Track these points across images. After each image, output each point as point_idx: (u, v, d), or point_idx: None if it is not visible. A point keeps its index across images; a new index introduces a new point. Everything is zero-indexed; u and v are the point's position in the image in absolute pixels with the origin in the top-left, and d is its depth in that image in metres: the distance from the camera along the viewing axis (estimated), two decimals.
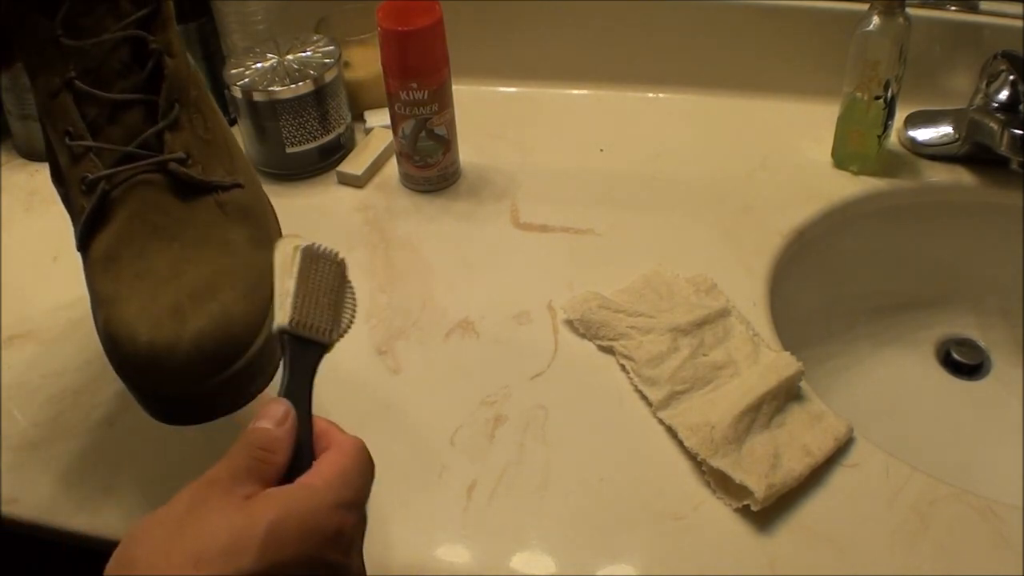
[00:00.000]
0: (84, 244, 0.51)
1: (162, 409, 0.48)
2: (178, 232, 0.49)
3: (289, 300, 0.43)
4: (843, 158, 0.77)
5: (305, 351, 0.43)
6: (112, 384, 0.64)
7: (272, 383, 0.48)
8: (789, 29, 0.83)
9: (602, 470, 0.56)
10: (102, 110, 0.50)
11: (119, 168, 0.49)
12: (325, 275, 0.44)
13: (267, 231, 0.53)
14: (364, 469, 0.41)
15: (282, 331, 0.42)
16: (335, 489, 0.39)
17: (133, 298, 0.47)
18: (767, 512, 0.52)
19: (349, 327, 0.45)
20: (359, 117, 0.87)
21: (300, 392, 0.43)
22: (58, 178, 0.53)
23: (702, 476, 0.55)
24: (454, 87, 0.76)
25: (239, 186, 0.53)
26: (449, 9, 0.72)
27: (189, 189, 0.50)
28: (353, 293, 0.45)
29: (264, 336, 0.47)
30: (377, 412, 0.61)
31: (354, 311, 0.45)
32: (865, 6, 0.71)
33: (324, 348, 0.44)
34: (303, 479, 0.40)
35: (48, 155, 0.54)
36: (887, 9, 0.69)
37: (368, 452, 0.42)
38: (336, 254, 0.45)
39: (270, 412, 0.41)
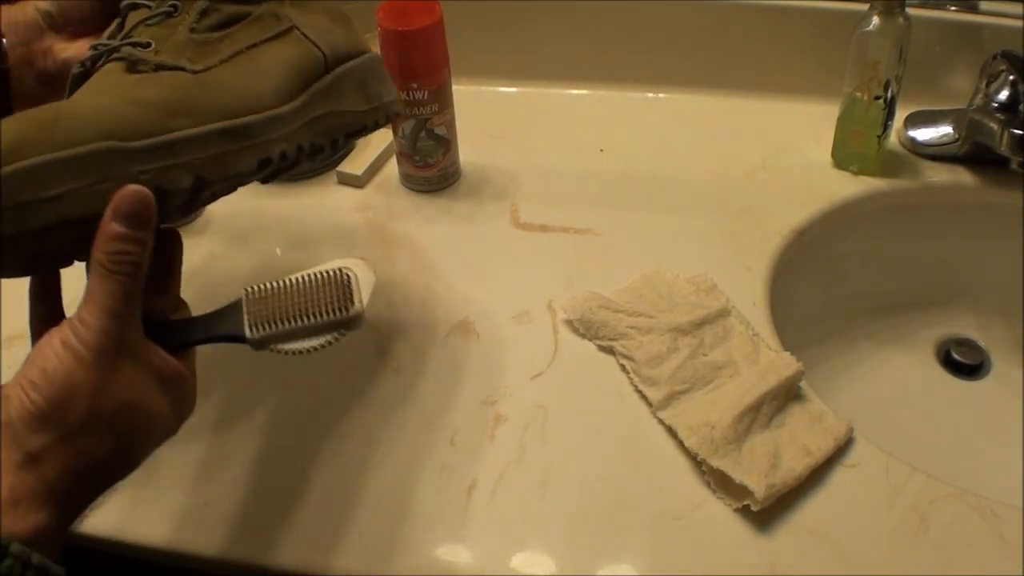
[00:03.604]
0: None
1: None
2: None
3: (272, 283, 0.43)
4: (843, 158, 0.77)
5: (230, 318, 0.43)
6: None
7: None
8: (789, 29, 0.83)
9: (602, 470, 0.57)
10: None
11: (96, 50, 0.49)
12: (319, 302, 0.43)
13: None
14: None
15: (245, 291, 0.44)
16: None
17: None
18: (767, 512, 0.52)
19: (273, 346, 0.43)
20: None
21: (203, 326, 0.44)
22: None
23: (702, 476, 0.55)
24: (454, 87, 0.76)
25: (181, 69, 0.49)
26: (449, 9, 0.72)
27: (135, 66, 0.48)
28: (325, 345, 0.44)
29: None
30: (377, 412, 0.61)
31: (301, 351, 0.44)
32: (865, 6, 0.71)
33: (238, 338, 0.43)
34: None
35: None
36: (887, 9, 0.69)
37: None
38: (344, 305, 0.44)
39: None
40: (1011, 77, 0.70)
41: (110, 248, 0.40)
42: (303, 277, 0.44)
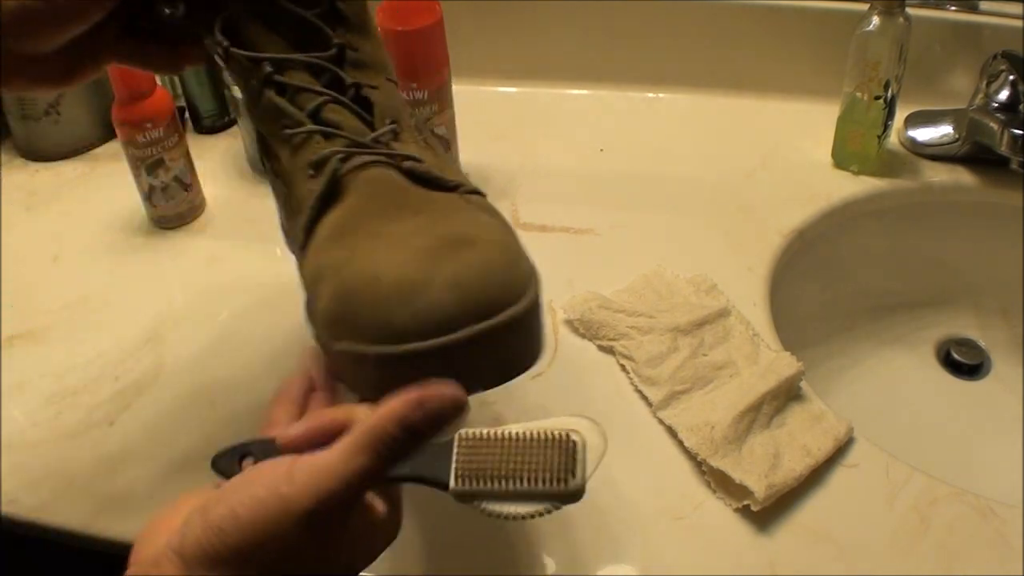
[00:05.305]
0: (311, 228, 0.46)
1: (396, 367, 0.39)
2: (422, 208, 0.44)
3: (488, 432, 0.40)
4: (843, 158, 0.77)
5: (437, 459, 0.40)
6: (112, 384, 0.64)
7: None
8: (789, 29, 0.83)
9: (602, 470, 0.56)
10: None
11: (351, 149, 0.45)
12: (537, 467, 0.39)
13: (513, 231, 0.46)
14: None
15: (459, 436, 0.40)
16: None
17: (375, 251, 0.41)
18: (767, 512, 0.52)
19: (476, 504, 0.40)
20: None
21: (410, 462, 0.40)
22: (276, 173, 0.50)
23: (702, 476, 0.55)
24: (454, 87, 0.76)
25: (480, 194, 0.47)
26: (449, 9, 0.72)
27: (429, 184, 0.45)
28: (535, 515, 0.40)
29: (527, 303, 0.40)
30: None
31: (508, 515, 0.40)
32: (865, 6, 0.71)
33: (441, 486, 0.40)
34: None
35: (260, 151, 0.52)
36: (887, 9, 0.69)
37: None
38: (564, 476, 0.40)
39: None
40: (1011, 77, 0.71)
41: (391, 429, 0.37)
42: (524, 434, 0.40)
